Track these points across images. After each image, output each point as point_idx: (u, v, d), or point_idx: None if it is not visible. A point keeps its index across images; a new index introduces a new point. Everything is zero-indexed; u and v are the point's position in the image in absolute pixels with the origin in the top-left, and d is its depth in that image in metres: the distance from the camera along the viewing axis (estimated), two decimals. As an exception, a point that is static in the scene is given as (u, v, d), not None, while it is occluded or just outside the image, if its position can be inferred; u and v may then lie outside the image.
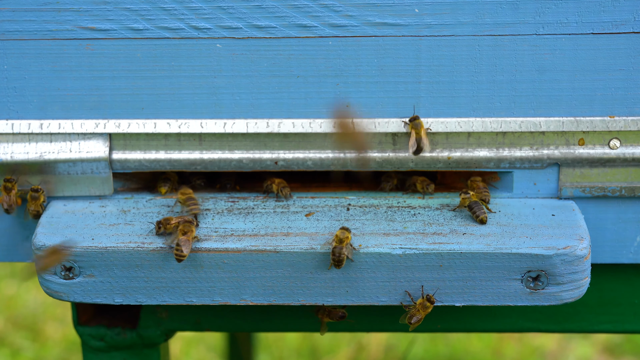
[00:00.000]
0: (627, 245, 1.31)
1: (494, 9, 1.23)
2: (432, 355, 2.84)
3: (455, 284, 1.21)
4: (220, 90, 1.27)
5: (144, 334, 1.40)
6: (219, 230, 1.24)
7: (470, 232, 1.23)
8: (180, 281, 1.22)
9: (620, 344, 2.85)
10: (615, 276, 1.37)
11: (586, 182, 1.29)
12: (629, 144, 1.27)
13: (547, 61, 1.24)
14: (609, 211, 1.30)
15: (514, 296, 1.21)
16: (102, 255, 1.22)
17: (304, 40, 1.25)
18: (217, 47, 1.25)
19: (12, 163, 1.29)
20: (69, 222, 1.26)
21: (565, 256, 1.19)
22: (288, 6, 1.23)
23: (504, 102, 1.26)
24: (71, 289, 1.23)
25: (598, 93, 1.26)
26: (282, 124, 1.28)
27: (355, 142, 1.21)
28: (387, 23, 1.24)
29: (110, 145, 1.30)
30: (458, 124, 1.27)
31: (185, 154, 1.30)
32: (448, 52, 1.24)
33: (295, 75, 1.26)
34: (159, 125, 1.29)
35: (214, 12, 1.24)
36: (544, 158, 1.28)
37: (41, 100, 1.28)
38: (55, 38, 1.25)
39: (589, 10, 1.22)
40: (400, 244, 1.21)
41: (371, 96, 1.27)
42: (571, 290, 1.21)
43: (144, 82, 1.27)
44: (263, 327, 1.42)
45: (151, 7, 1.24)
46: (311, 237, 1.22)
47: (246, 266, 1.21)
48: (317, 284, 1.22)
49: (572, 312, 1.39)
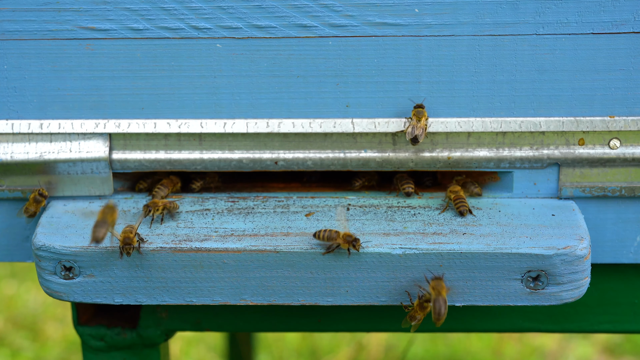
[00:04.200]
0: (627, 245, 1.31)
1: (494, 9, 1.23)
2: (432, 355, 2.84)
3: (455, 284, 1.21)
4: (220, 90, 1.27)
5: (144, 334, 1.40)
6: (219, 230, 1.24)
7: (470, 232, 1.23)
8: (180, 281, 1.22)
9: (620, 344, 2.86)
10: (615, 276, 1.37)
11: (586, 182, 1.29)
12: (629, 144, 1.27)
13: (547, 61, 1.24)
14: (609, 211, 1.30)
15: (514, 296, 1.21)
16: (102, 255, 1.22)
17: (304, 40, 1.25)
18: (217, 47, 1.25)
19: (12, 163, 1.29)
20: (69, 222, 1.26)
21: (565, 256, 1.19)
22: (288, 6, 1.23)
23: (504, 102, 1.26)
24: (71, 289, 1.23)
25: (598, 93, 1.26)
26: (282, 124, 1.28)
27: None
28: (387, 23, 1.24)
29: (110, 145, 1.30)
30: (458, 124, 1.27)
31: (185, 154, 1.30)
32: (448, 52, 1.24)
33: (295, 75, 1.26)
34: (159, 125, 1.29)
35: (214, 12, 1.24)
36: (544, 158, 1.28)
37: (41, 100, 1.28)
38: (55, 38, 1.25)
39: (589, 10, 1.22)
40: (400, 244, 1.21)
41: (371, 96, 1.27)
42: (571, 290, 1.21)
43: (144, 82, 1.27)
44: (263, 327, 1.42)
45: (151, 7, 1.24)
46: (311, 237, 1.22)
47: (246, 266, 1.21)
48: (317, 284, 1.22)
49: (572, 312, 1.39)
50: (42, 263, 1.23)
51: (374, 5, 1.23)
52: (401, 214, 1.27)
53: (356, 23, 1.24)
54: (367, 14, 1.23)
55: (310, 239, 1.21)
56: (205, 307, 1.38)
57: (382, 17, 1.23)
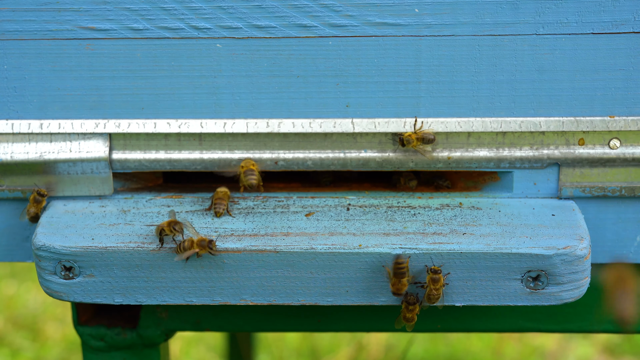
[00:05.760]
0: (627, 245, 1.31)
1: (494, 9, 1.23)
2: (432, 355, 2.84)
3: (455, 284, 1.21)
4: (220, 90, 1.27)
5: (144, 334, 1.40)
6: (219, 230, 1.24)
7: (470, 232, 1.23)
8: (180, 281, 1.22)
9: (620, 344, 2.86)
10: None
11: (586, 182, 1.29)
12: (629, 144, 1.27)
13: (547, 61, 1.24)
14: (609, 211, 1.30)
15: (514, 296, 1.21)
16: (102, 255, 1.22)
17: (304, 40, 1.25)
18: (217, 47, 1.25)
19: (12, 163, 1.29)
20: (69, 222, 1.26)
21: (565, 256, 1.19)
22: (288, 6, 1.23)
23: (504, 102, 1.26)
24: (71, 289, 1.23)
25: (598, 93, 1.26)
26: (282, 124, 1.28)
27: None
28: (387, 23, 1.24)
29: (110, 145, 1.30)
30: (458, 124, 1.27)
31: (185, 154, 1.30)
32: (448, 52, 1.24)
33: (295, 75, 1.26)
34: (159, 125, 1.29)
35: (214, 12, 1.24)
36: (544, 158, 1.28)
37: (41, 100, 1.28)
38: (55, 38, 1.25)
39: (589, 10, 1.22)
40: (400, 244, 1.21)
41: (371, 96, 1.27)
42: (571, 290, 1.21)
43: (144, 82, 1.27)
44: (263, 327, 1.42)
45: (151, 7, 1.24)
46: (311, 237, 1.22)
47: (246, 266, 1.21)
48: (317, 284, 1.22)
49: (572, 312, 1.39)
50: (42, 263, 1.23)
51: (374, 5, 1.23)
52: (401, 214, 1.27)
53: (356, 23, 1.24)
54: (367, 14, 1.23)
55: (311, 239, 1.21)
56: (205, 307, 1.38)
57: (382, 17, 1.23)
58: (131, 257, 1.22)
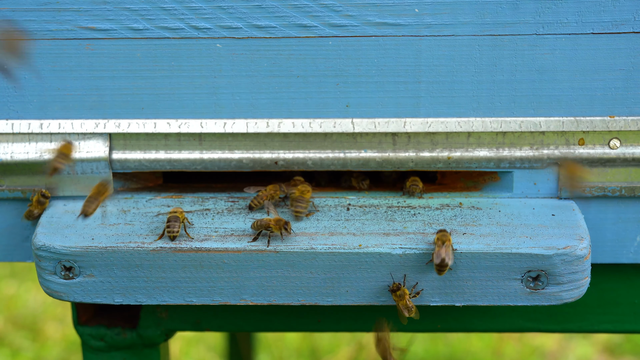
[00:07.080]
0: (627, 245, 1.31)
1: (494, 9, 1.23)
2: (432, 355, 2.84)
3: (455, 283, 1.21)
4: (220, 90, 1.27)
5: (144, 334, 1.40)
6: (219, 230, 1.24)
7: (470, 232, 1.23)
8: (180, 281, 1.22)
9: (620, 344, 2.86)
10: (615, 276, 1.37)
11: (586, 182, 1.29)
12: (629, 144, 1.27)
13: (547, 61, 1.24)
14: (609, 211, 1.30)
15: (514, 296, 1.21)
16: (102, 255, 1.22)
17: (304, 40, 1.25)
18: (217, 47, 1.25)
19: (12, 163, 1.29)
20: (69, 222, 1.26)
21: (565, 256, 1.19)
22: (288, 6, 1.23)
23: (504, 102, 1.26)
24: (71, 289, 1.23)
25: (598, 93, 1.26)
26: (282, 124, 1.28)
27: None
28: (387, 23, 1.24)
29: (110, 145, 1.30)
30: (458, 124, 1.27)
31: (185, 154, 1.30)
32: (448, 52, 1.24)
33: (295, 75, 1.26)
34: (159, 125, 1.29)
35: (214, 12, 1.24)
36: (544, 158, 1.28)
37: (41, 100, 1.28)
38: (55, 38, 1.25)
39: (589, 10, 1.22)
40: (400, 244, 1.21)
41: (371, 96, 1.27)
42: (571, 290, 1.21)
43: (144, 82, 1.27)
44: (263, 327, 1.42)
45: (151, 7, 1.24)
46: (311, 237, 1.22)
47: (246, 266, 1.21)
48: (317, 284, 1.22)
49: (572, 312, 1.39)
50: (42, 263, 1.23)
51: (374, 5, 1.23)
52: (401, 214, 1.27)
53: (356, 23, 1.24)
54: (367, 14, 1.23)
55: (311, 239, 1.21)
56: (205, 307, 1.38)
57: (382, 17, 1.23)
58: (131, 257, 1.22)
